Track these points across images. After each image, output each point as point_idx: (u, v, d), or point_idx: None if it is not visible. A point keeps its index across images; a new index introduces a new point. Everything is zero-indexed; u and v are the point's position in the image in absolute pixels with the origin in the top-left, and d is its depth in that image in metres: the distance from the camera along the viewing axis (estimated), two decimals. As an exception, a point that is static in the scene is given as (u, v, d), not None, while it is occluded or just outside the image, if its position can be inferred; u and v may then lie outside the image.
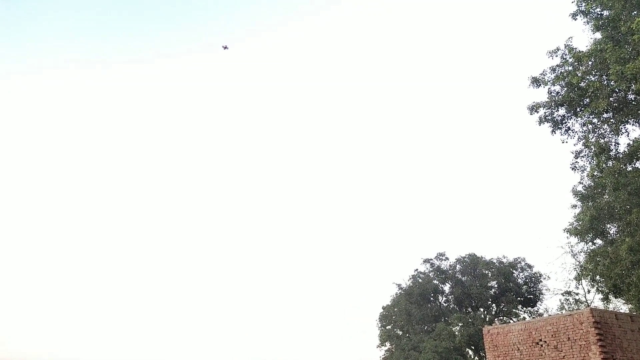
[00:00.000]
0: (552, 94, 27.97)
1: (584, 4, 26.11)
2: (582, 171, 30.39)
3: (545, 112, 28.57)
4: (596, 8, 25.45)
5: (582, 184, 32.03)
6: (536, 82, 28.17)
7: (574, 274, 37.60)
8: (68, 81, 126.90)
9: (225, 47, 41.02)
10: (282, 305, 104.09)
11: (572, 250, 37.31)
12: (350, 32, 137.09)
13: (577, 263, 37.27)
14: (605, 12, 25.29)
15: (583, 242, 34.62)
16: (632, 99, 25.24)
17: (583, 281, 37.59)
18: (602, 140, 27.26)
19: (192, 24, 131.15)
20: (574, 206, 33.90)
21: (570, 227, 34.03)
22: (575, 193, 33.08)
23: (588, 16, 26.17)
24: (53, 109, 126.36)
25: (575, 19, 27.22)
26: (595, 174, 28.43)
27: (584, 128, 28.24)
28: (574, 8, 26.75)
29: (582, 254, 36.25)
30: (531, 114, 28.75)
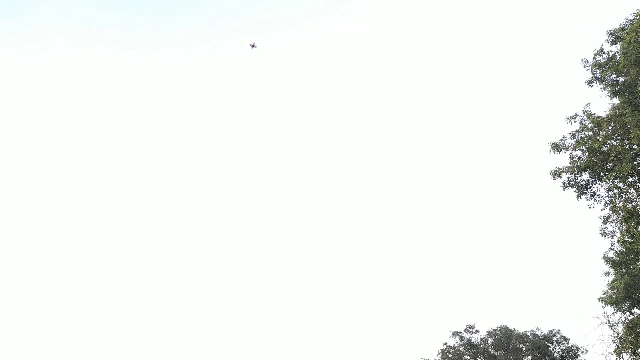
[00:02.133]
0: (574, 159, 28.03)
1: (598, 72, 26.63)
2: (612, 237, 29.63)
3: (568, 178, 28.51)
4: (611, 75, 25.90)
5: (613, 250, 31.06)
6: (556, 147, 28.33)
7: (613, 346, 35.54)
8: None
9: (253, 46, 38.84)
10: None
11: (609, 321, 35.50)
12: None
13: (616, 335, 35.34)
14: (621, 79, 25.69)
15: (620, 312, 33.02)
16: (657, 162, 25.06)
17: (624, 355, 35.45)
18: (630, 205, 26.80)
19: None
20: (607, 273, 32.67)
21: (605, 296, 32.62)
22: (607, 260, 31.98)
23: (604, 83, 26.60)
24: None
25: (592, 86, 27.66)
26: (626, 239, 27.72)
27: (610, 193, 27.95)
28: (589, 75, 27.26)
29: (620, 324, 34.47)
30: (554, 179, 28.74)
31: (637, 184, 25.89)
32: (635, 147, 24.35)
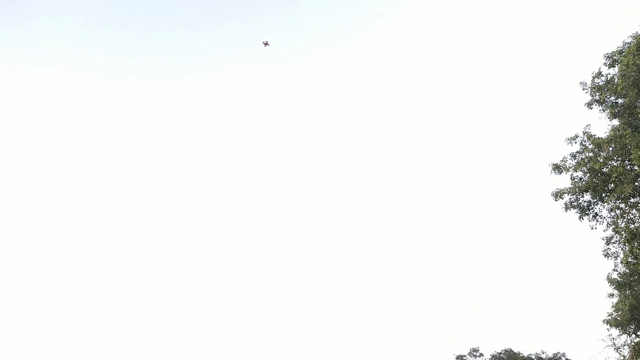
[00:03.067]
0: (575, 180, 28.05)
1: (598, 94, 26.86)
2: (616, 258, 29.46)
3: (570, 199, 28.49)
4: (610, 97, 26.12)
5: (617, 271, 30.88)
6: (557, 168, 28.39)
7: (620, 369, 35.03)
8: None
9: (266, 44, 39.37)
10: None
11: (614, 344, 35.03)
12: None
13: (622, 357, 34.85)
14: (620, 100, 25.91)
15: (625, 334, 32.64)
16: (658, 183, 25.12)
17: (630, 378, 34.91)
18: (633, 226, 26.71)
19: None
20: (611, 295, 32.41)
21: (610, 317, 32.31)
22: (611, 281, 31.74)
23: (603, 105, 26.82)
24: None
25: (591, 108, 27.86)
26: (629, 260, 27.54)
27: (612, 213, 27.88)
28: (589, 98, 27.48)
29: (626, 347, 34.02)
30: (556, 200, 28.73)
31: (639, 205, 25.89)
32: (636, 168, 24.44)
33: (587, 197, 28.17)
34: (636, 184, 25.16)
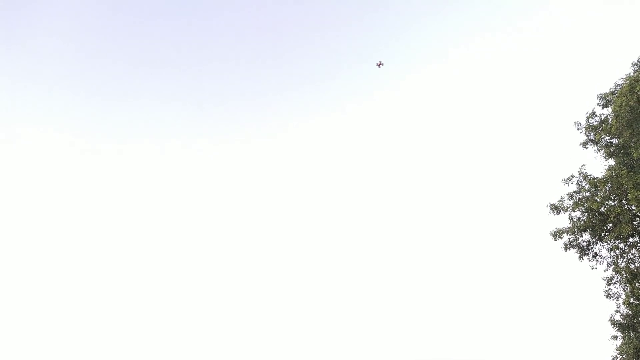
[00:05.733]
0: (574, 219, 27.90)
1: (592, 134, 27.11)
2: (617, 299, 29.03)
3: (569, 238, 28.25)
4: (605, 137, 26.35)
5: (619, 312, 30.38)
6: (555, 209, 28.29)
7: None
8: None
9: (380, 64, 39.37)
10: None
11: (620, 388, 34.14)
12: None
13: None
14: (615, 140, 26.12)
15: (631, 378, 31.83)
16: (657, 222, 25.04)
17: None
18: (633, 266, 26.46)
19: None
20: (615, 337, 31.80)
21: (615, 360, 31.64)
22: (614, 323, 31.20)
23: (598, 144, 27.03)
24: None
25: (586, 148, 28.08)
26: (631, 301, 27.14)
27: (612, 253, 27.61)
28: (584, 137, 27.73)
29: (632, 391, 33.10)
30: (555, 240, 28.46)
31: (639, 245, 25.72)
32: (633, 207, 24.39)
33: (586, 236, 27.95)
34: (634, 223, 25.07)
